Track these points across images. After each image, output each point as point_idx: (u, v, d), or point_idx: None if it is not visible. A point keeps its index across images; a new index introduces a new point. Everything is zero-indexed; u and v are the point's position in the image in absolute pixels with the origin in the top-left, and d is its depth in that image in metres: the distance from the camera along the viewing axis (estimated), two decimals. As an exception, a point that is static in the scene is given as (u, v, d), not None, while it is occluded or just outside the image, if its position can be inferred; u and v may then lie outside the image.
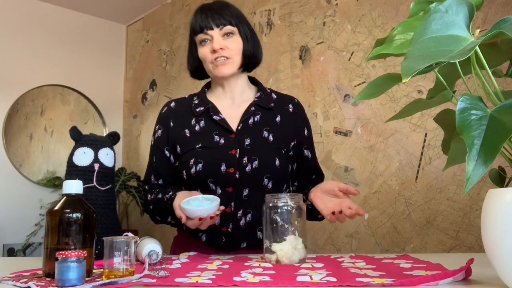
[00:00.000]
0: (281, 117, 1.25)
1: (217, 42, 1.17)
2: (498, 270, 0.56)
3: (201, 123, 1.22)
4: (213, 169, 1.14)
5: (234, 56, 1.19)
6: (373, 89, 0.69)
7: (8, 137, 3.09)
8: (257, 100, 1.24)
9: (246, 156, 1.15)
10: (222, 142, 1.17)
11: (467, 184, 0.50)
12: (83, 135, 1.13)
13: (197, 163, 1.15)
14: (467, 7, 0.55)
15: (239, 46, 1.20)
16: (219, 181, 1.14)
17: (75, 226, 0.76)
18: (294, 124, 1.26)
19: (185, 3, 3.18)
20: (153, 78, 3.40)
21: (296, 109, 1.29)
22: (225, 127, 1.19)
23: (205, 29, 1.18)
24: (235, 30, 1.19)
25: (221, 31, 1.18)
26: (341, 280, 0.64)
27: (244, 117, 1.20)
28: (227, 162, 1.14)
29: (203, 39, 1.19)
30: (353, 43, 2.09)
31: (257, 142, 1.18)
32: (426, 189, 1.76)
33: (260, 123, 1.22)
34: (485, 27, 1.64)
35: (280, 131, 1.22)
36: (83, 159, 1.08)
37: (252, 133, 1.19)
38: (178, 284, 0.65)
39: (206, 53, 1.19)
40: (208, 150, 1.17)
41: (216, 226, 1.14)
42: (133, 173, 3.09)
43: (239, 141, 1.17)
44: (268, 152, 1.18)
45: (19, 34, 3.17)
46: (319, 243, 2.08)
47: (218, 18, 1.18)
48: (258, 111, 1.23)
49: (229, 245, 1.16)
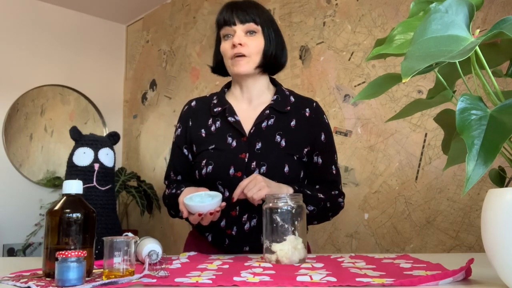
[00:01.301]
0: (296, 122, 1.21)
1: (238, 37, 1.16)
2: (498, 270, 0.56)
3: (217, 123, 1.22)
4: (222, 172, 1.15)
5: (252, 55, 1.18)
6: (373, 89, 0.69)
7: (8, 137, 3.09)
8: (273, 103, 1.22)
9: (255, 160, 1.14)
10: (234, 144, 1.17)
11: (467, 184, 0.50)
12: (83, 135, 1.13)
13: (208, 165, 1.16)
14: (467, 7, 0.55)
15: (259, 46, 1.19)
16: (227, 184, 1.14)
17: (75, 226, 0.76)
18: (309, 129, 1.22)
19: (185, 3, 3.18)
20: (153, 78, 3.40)
21: (313, 113, 1.24)
22: (239, 129, 1.18)
23: (229, 23, 1.18)
24: (259, 29, 1.19)
25: (244, 27, 1.17)
26: (341, 280, 0.64)
27: (257, 120, 1.19)
28: (236, 165, 1.14)
29: (226, 34, 1.20)
30: (353, 43, 2.09)
31: (268, 147, 1.17)
32: (426, 189, 1.76)
33: (274, 127, 1.19)
34: (485, 27, 1.64)
35: (293, 136, 1.19)
36: (83, 159, 1.08)
37: (264, 137, 1.18)
38: (178, 284, 0.65)
39: (227, 48, 1.19)
40: (219, 152, 1.17)
41: (221, 227, 1.15)
42: (133, 173, 3.09)
43: (249, 145, 1.16)
44: (278, 158, 1.16)
45: (19, 34, 3.17)
46: (319, 243, 2.08)
47: (243, 14, 1.17)
48: (272, 115, 1.21)
49: (232, 247, 1.16)
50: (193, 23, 3.09)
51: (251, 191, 1.04)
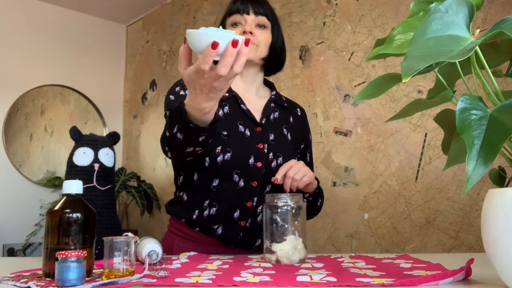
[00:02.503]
0: (293, 118, 1.27)
1: (249, 25, 1.17)
2: (498, 270, 0.56)
3: (225, 108, 1.17)
4: (241, 161, 1.11)
5: (261, 45, 1.18)
6: (373, 89, 0.69)
7: (8, 137, 3.09)
8: (274, 97, 1.25)
9: (271, 151, 1.14)
10: (248, 133, 1.14)
11: (467, 184, 0.50)
12: (83, 135, 1.13)
13: (225, 152, 1.10)
14: (467, 7, 0.55)
15: (268, 39, 1.20)
16: (245, 174, 1.11)
17: (75, 226, 0.76)
18: (302, 127, 1.30)
19: (185, 3, 3.18)
20: (153, 78, 3.40)
21: (302, 114, 1.33)
22: (252, 118, 1.17)
23: (242, 11, 1.18)
24: (269, 24, 1.20)
25: (256, 18, 1.18)
26: (341, 280, 0.64)
27: (266, 112, 1.20)
28: (256, 155, 1.12)
29: (236, 22, 1.19)
30: (353, 43, 2.09)
31: (280, 139, 1.19)
32: (426, 189, 1.76)
33: (280, 120, 1.23)
34: (485, 27, 1.64)
35: (294, 131, 1.24)
36: (83, 159, 1.08)
37: (274, 129, 1.19)
38: (178, 284, 0.65)
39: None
40: (235, 139, 1.12)
41: (234, 219, 1.10)
42: (133, 173, 3.09)
43: (265, 135, 1.16)
44: (289, 151, 1.19)
45: (19, 34, 3.17)
46: (319, 243, 2.08)
47: (257, 7, 1.19)
48: (276, 108, 1.24)
49: (245, 240, 1.13)
50: (193, 23, 3.09)
51: (298, 175, 1.03)
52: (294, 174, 1.04)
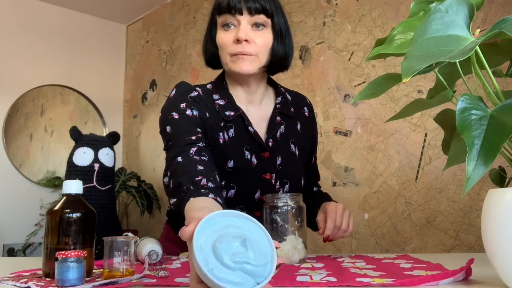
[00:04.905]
0: (300, 124, 1.12)
1: (243, 31, 0.95)
2: (498, 270, 0.56)
3: (230, 131, 1.01)
4: (246, 196, 1.00)
5: (259, 54, 0.98)
6: (373, 89, 0.69)
7: (8, 137, 3.09)
8: (280, 107, 1.08)
9: (278, 180, 1.03)
10: (254, 161, 1.01)
11: (467, 184, 0.50)
12: (83, 135, 1.13)
13: (229, 189, 0.98)
14: (467, 7, 0.55)
15: (268, 43, 0.99)
16: (248, 207, 1.00)
17: (75, 226, 0.76)
18: (311, 131, 1.16)
19: (185, 3, 3.18)
20: (153, 78, 3.40)
21: (311, 112, 1.17)
22: (259, 141, 1.02)
23: (233, 10, 0.96)
24: (268, 22, 0.99)
25: (251, 18, 0.97)
26: (341, 280, 0.64)
27: (272, 130, 1.04)
28: (262, 189, 1.00)
29: (227, 23, 0.98)
30: (353, 43, 2.09)
31: (287, 161, 1.05)
32: (426, 189, 1.76)
33: (286, 134, 1.07)
34: (485, 27, 1.64)
35: (302, 142, 1.11)
36: (83, 159, 1.08)
37: (282, 149, 1.05)
38: (178, 284, 0.65)
39: (227, 41, 0.98)
40: (241, 172, 0.99)
41: None
42: (133, 173, 3.09)
43: (272, 162, 1.03)
44: (296, 173, 1.08)
45: (19, 34, 3.17)
46: (319, 243, 2.08)
47: (253, 1, 0.96)
48: (282, 121, 1.07)
49: None
50: (193, 23, 3.09)
51: (344, 224, 0.95)
52: (342, 224, 0.95)
